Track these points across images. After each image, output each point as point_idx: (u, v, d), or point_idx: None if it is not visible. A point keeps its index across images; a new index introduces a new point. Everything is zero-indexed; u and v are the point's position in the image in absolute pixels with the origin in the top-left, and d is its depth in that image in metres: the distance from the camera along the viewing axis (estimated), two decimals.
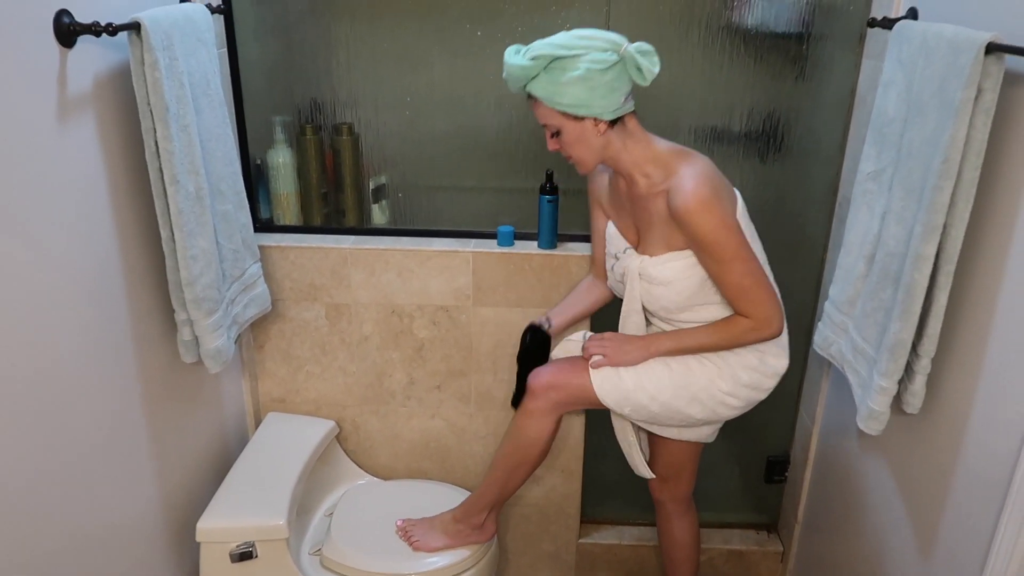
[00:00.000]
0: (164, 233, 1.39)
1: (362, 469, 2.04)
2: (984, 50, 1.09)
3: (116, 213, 1.35)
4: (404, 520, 1.76)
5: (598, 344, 1.57)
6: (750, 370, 1.53)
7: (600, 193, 1.65)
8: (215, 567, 1.61)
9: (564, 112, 1.40)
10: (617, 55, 1.36)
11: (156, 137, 1.31)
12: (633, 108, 1.44)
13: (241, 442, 1.94)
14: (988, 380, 1.20)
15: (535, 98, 1.43)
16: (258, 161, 1.87)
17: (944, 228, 1.20)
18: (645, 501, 2.16)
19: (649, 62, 1.36)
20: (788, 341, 1.58)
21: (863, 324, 1.43)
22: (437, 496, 1.84)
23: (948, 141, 1.15)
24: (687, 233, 1.41)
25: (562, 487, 2.05)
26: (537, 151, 1.84)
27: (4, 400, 1.10)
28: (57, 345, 1.21)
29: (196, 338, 1.50)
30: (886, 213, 1.36)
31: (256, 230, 1.78)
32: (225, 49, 1.72)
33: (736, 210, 1.46)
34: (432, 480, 2.02)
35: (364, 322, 1.90)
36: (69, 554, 1.26)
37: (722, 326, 1.49)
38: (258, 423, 1.98)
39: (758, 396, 1.58)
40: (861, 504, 1.65)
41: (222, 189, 1.54)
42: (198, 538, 1.59)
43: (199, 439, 1.73)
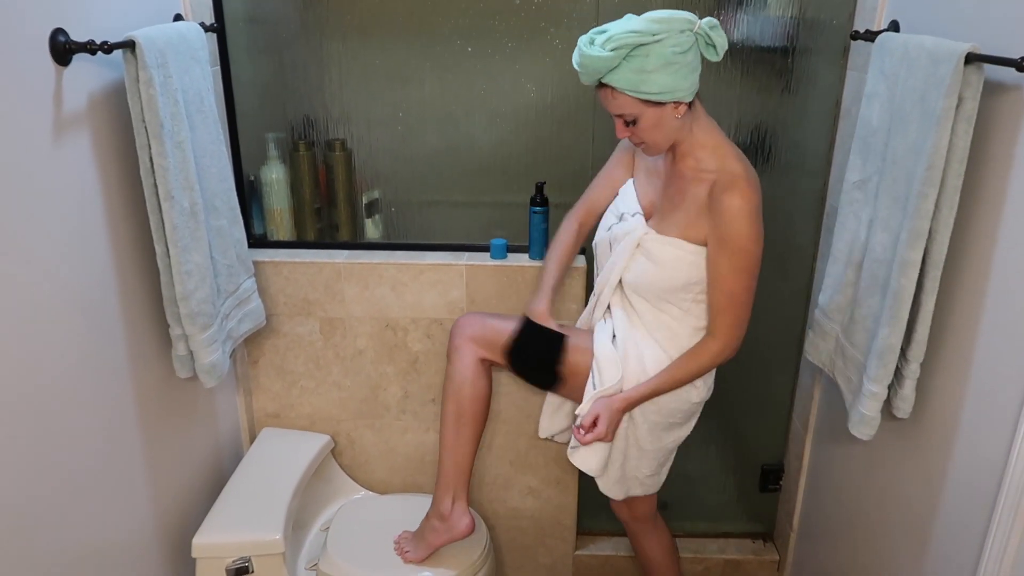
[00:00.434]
0: (159, 248, 1.40)
1: (357, 483, 2.04)
2: (964, 60, 1.12)
3: (111, 229, 1.36)
4: (401, 534, 1.76)
5: (597, 436, 1.52)
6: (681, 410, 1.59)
7: (635, 156, 1.60)
8: None
9: (647, 100, 1.34)
10: (693, 33, 1.31)
11: (151, 153, 1.32)
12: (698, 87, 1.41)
13: (236, 457, 1.93)
14: (977, 383, 1.22)
15: (609, 87, 1.35)
16: (252, 177, 1.88)
17: (929, 234, 1.22)
18: None
19: (720, 36, 1.33)
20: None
21: (852, 331, 1.45)
22: None
23: (931, 149, 1.17)
24: (721, 228, 1.39)
25: (557, 499, 2.05)
26: (529, 164, 1.86)
27: None
28: (51, 360, 1.21)
29: (191, 353, 1.51)
30: (872, 221, 1.38)
31: (250, 246, 1.79)
32: (218, 67, 1.74)
33: None
34: (428, 494, 2.01)
35: (358, 336, 1.90)
36: (64, 571, 1.26)
37: (690, 357, 1.49)
38: (253, 438, 1.98)
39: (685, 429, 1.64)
40: (855, 511, 1.66)
41: (216, 205, 1.55)
42: (194, 554, 1.58)
43: (194, 454, 1.72)
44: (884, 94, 1.35)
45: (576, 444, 1.57)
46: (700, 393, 1.57)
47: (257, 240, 1.90)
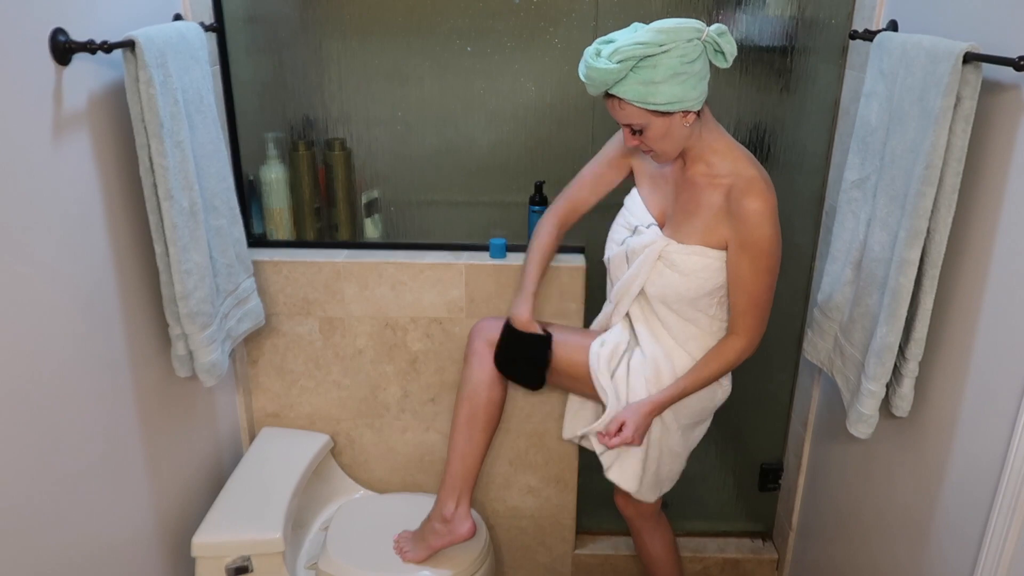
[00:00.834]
0: (158, 248, 1.40)
1: (357, 483, 2.04)
2: (962, 59, 1.12)
3: (110, 228, 1.36)
4: (400, 534, 1.76)
5: (623, 441, 1.51)
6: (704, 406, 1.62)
7: (640, 159, 1.57)
8: None
9: (655, 110, 1.33)
10: (700, 41, 1.30)
11: (150, 153, 1.33)
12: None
13: (236, 457, 1.93)
14: (975, 382, 1.22)
15: (617, 98, 1.34)
16: (251, 177, 1.88)
17: (928, 233, 1.22)
18: None
19: (729, 43, 1.32)
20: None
21: (851, 329, 1.45)
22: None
23: (929, 148, 1.17)
24: (743, 232, 1.39)
25: (557, 498, 2.06)
26: (528, 164, 1.86)
27: None
28: (51, 359, 1.22)
29: (190, 352, 1.51)
30: (871, 220, 1.39)
31: (249, 245, 1.79)
32: (218, 66, 1.74)
33: None
34: (427, 493, 2.01)
35: (358, 336, 1.91)
36: (63, 571, 1.26)
37: (715, 356, 1.51)
38: (252, 438, 1.98)
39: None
40: (854, 509, 1.66)
41: (216, 204, 1.55)
42: (194, 553, 1.58)
43: (193, 454, 1.73)
44: (882, 93, 1.36)
45: (610, 463, 1.62)
46: (725, 391, 1.61)
47: (256, 240, 1.90)
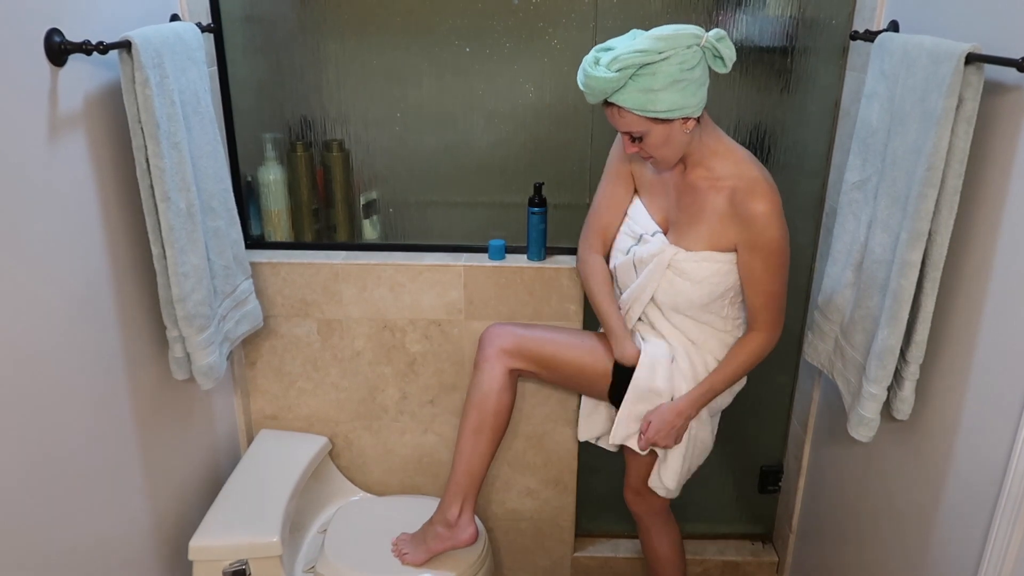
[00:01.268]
0: (155, 250, 1.40)
1: (355, 485, 2.03)
2: (964, 60, 1.12)
3: (107, 230, 1.35)
4: (399, 536, 1.75)
5: (649, 442, 1.56)
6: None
7: (638, 165, 1.56)
8: None
9: (654, 118, 1.33)
10: (699, 47, 1.30)
11: (147, 154, 1.32)
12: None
13: (233, 459, 1.93)
14: (977, 385, 1.21)
15: (616, 106, 1.34)
16: (249, 178, 1.88)
17: (929, 235, 1.22)
18: None
19: (728, 49, 1.31)
20: None
21: (852, 332, 1.45)
22: (430, 511, 1.82)
23: (931, 150, 1.17)
24: (752, 235, 1.39)
25: (556, 500, 2.05)
26: (527, 165, 1.85)
27: None
28: (47, 362, 1.21)
29: (188, 355, 1.50)
30: (872, 222, 1.38)
31: (247, 247, 1.78)
32: (215, 67, 1.73)
33: None
34: (426, 495, 2.01)
35: (356, 337, 1.90)
36: (59, 574, 1.25)
37: (740, 351, 1.52)
38: (250, 440, 1.97)
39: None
40: (855, 512, 1.65)
41: (213, 206, 1.54)
42: (191, 556, 1.57)
43: (191, 456, 1.72)
44: (884, 94, 1.35)
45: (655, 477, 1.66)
46: (742, 382, 1.64)
47: (254, 241, 1.90)
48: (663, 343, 1.57)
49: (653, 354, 1.55)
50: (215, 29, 1.70)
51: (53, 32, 1.18)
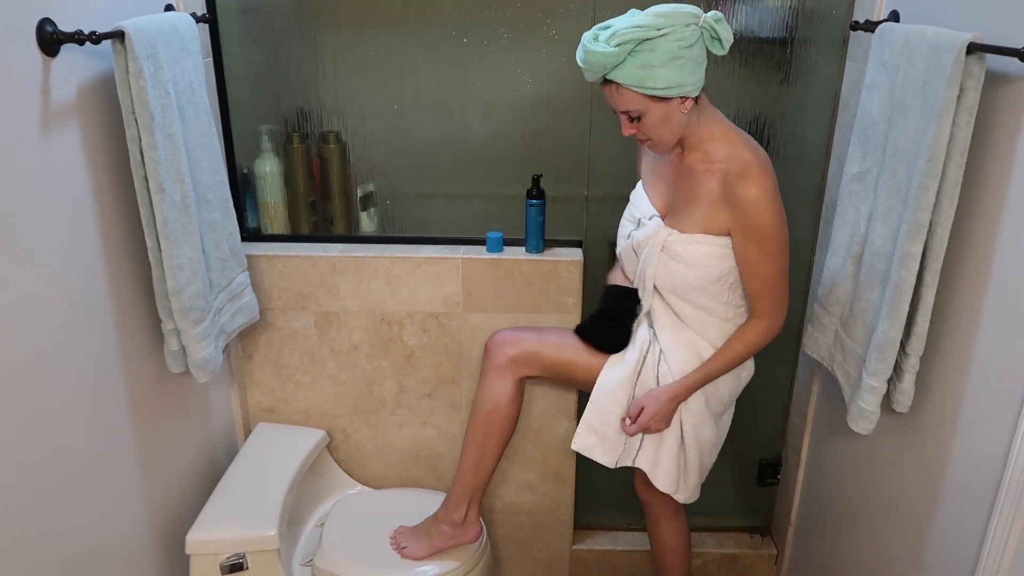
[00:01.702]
0: (150, 242, 1.39)
1: (353, 478, 2.03)
2: (965, 50, 1.11)
3: (101, 222, 1.34)
4: (397, 529, 1.75)
5: (641, 428, 1.54)
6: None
7: (642, 148, 1.59)
8: None
9: (653, 95, 1.33)
10: (698, 27, 1.30)
11: (141, 146, 1.31)
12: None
13: (230, 453, 1.92)
14: (977, 377, 1.21)
15: (614, 83, 1.34)
16: (245, 170, 1.86)
17: (930, 227, 1.21)
18: (638, 506, 2.16)
19: (726, 30, 1.32)
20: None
21: (851, 324, 1.44)
22: (428, 504, 1.82)
23: (932, 141, 1.16)
24: (744, 219, 1.38)
25: (554, 493, 2.05)
26: (525, 157, 1.84)
27: None
28: (41, 356, 1.20)
29: (183, 348, 1.49)
30: (872, 213, 1.37)
31: (243, 239, 1.77)
32: (211, 58, 1.72)
33: None
34: (424, 488, 2.01)
35: (353, 330, 1.89)
36: (56, 569, 1.25)
37: (739, 338, 1.50)
38: (247, 433, 1.97)
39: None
40: (854, 505, 1.65)
41: (208, 198, 1.53)
42: (188, 550, 1.57)
43: (188, 450, 1.71)
44: (884, 85, 1.34)
45: (652, 468, 1.61)
46: (749, 373, 1.62)
47: (251, 234, 1.89)
48: (635, 351, 1.55)
49: (618, 374, 1.55)
50: (210, 19, 1.69)
51: (45, 22, 1.16)
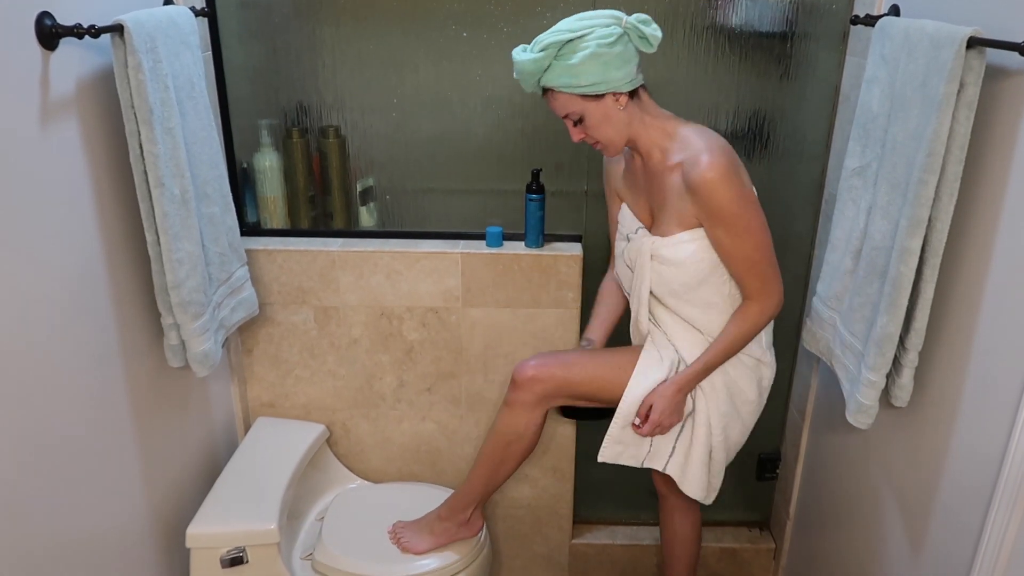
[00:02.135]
0: (149, 237, 1.38)
1: (353, 473, 2.03)
2: (965, 44, 1.10)
3: (100, 217, 1.34)
4: (396, 523, 1.76)
5: (654, 426, 1.53)
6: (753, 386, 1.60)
7: (615, 179, 1.62)
8: (206, 573, 1.59)
9: (584, 95, 1.39)
10: (620, 27, 1.37)
11: (140, 140, 1.30)
12: (643, 81, 1.44)
13: (230, 447, 1.92)
14: (975, 372, 1.21)
15: (551, 91, 1.42)
16: (244, 164, 1.86)
17: (929, 222, 1.21)
18: (638, 501, 2.17)
19: (651, 29, 1.37)
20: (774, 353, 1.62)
21: (850, 319, 1.44)
22: (428, 498, 1.82)
23: (931, 135, 1.16)
24: (703, 205, 1.39)
25: (554, 488, 2.05)
26: (524, 151, 1.84)
27: None
28: (40, 350, 1.20)
29: (183, 342, 1.49)
30: (872, 208, 1.37)
31: (243, 234, 1.77)
32: (210, 52, 1.71)
33: (751, 184, 1.46)
34: (423, 483, 2.01)
35: (353, 325, 1.89)
36: (56, 562, 1.25)
37: (734, 322, 1.49)
38: (247, 428, 1.97)
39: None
40: (852, 499, 1.65)
41: (208, 192, 1.53)
42: (188, 544, 1.57)
43: (188, 444, 1.71)
44: (884, 79, 1.34)
45: (680, 475, 1.61)
46: (771, 367, 1.60)
47: (250, 228, 1.88)
48: (663, 369, 1.54)
49: (645, 388, 1.53)
50: (209, 13, 1.68)
51: (44, 15, 1.16)
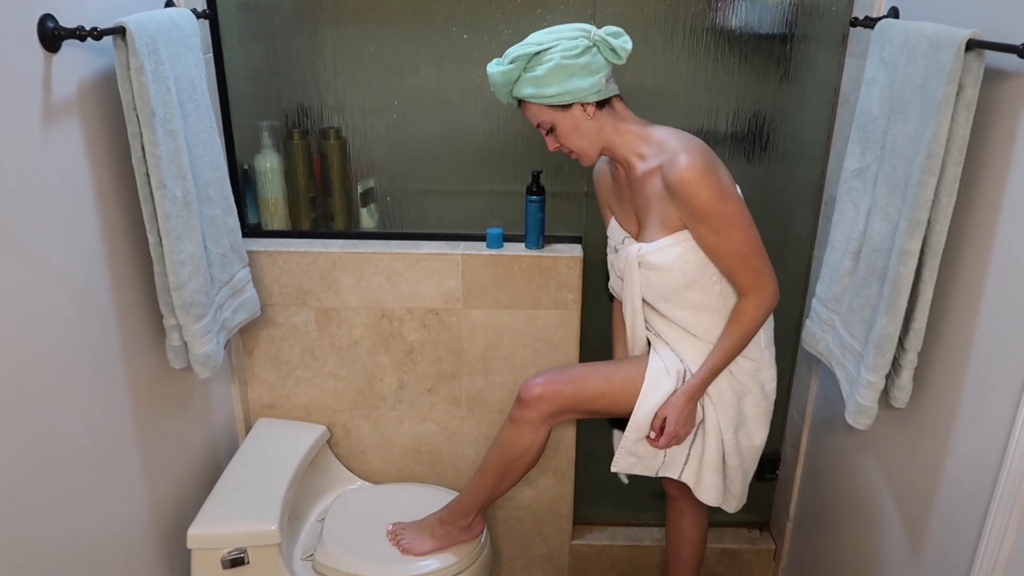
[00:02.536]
0: (151, 238, 1.39)
1: (353, 474, 2.03)
2: (964, 46, 1.11)
3: (102, 218, 1.34)
4: (394, 524, 1.76)
5: (670, 438, 1.53)
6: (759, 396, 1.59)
7: (604, 192, 1.65)
8: (207, 574, 1.59)
9: (552, 105, 1.43)
10: (588, 40, 1.40)
11: (142, 142, 1.31)
12: (617, 91, 1.47)
13: (231, 448, 1.93)
14: (974, 373, 1.21)
15: (524, 101, 1.46)
16: (245, 166, 1.87)
17: (928, 223, 1.21)
18: (638, 502, 2.17)
19: (620, 41, 1.40)
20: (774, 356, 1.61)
21: (850, 320, 1.44)
22: (429, 500, 1.83)
23: (931, 137, 1.16)
24: (684, 205, 1.39)
25: (554, 489, 2.05)
26: (525, 153, 1.84)
27: None
28: (43, 352, 1.20)
29: (185, 343, 1.50)
30: (871, 210, 1.37)
31: (244, 235, 1.77)
32: (211, 54, 1.72)
33: (731, 182, 1.45)
34: (424, 483, 2.01)
35: (354, 326, 1.89)
36: (57, 563, 1.25)
37: (733, 321, 1.49)
38: (248, 429, 1.97)
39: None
40: (852, 500, 1.66)
41: (209, 194, 1.53)
42: (189, 545, 1.57)
43: (189, 445, 1.72)
44: (883, 81, 1.34)
45: (695, 482, 1.62)
46: (769, 371, 1.59)
47: (252, 230, 1.89)
48: (672, 380, 1.53)
49: (657, 402, 1.53)
50: (210, 15, 1.69)
51: (46, 18, 1.16)
